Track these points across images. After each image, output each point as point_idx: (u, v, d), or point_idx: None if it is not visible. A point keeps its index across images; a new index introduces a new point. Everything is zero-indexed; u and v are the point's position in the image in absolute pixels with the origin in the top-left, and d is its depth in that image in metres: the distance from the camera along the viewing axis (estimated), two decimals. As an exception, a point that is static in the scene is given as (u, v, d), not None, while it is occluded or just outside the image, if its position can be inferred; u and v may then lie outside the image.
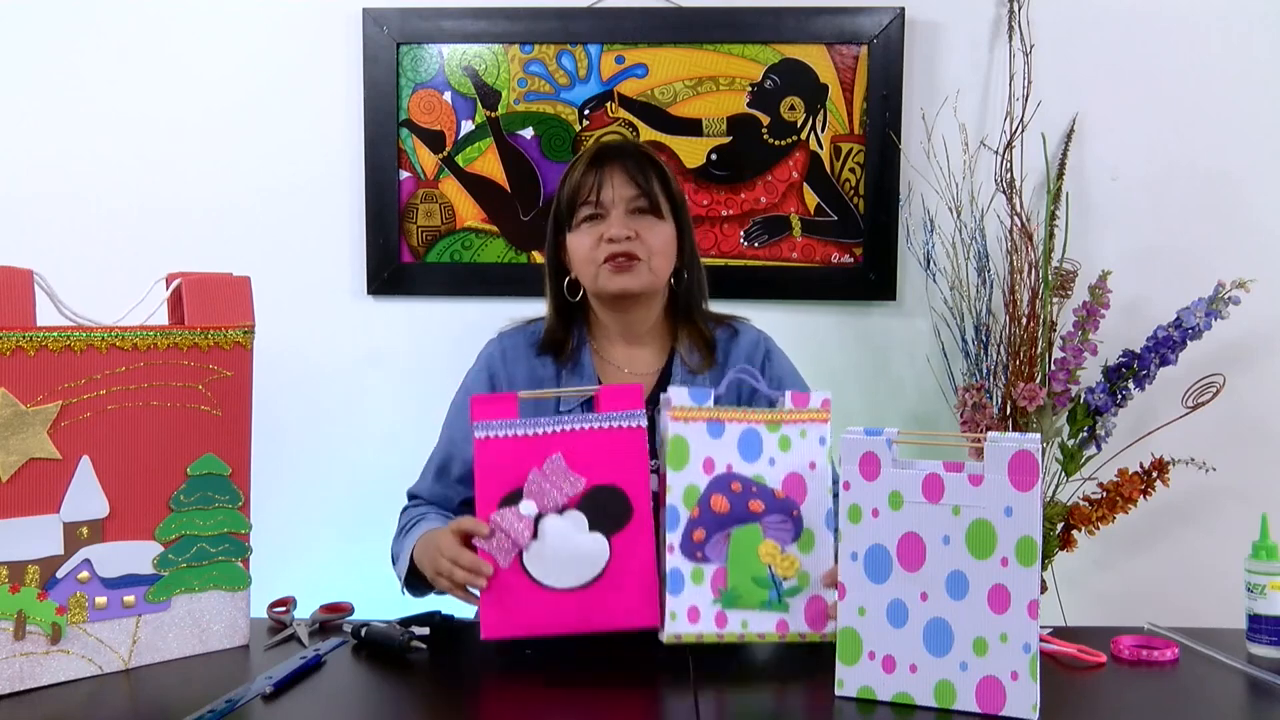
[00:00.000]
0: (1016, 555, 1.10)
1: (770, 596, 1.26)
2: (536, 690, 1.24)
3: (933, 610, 1.14)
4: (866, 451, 1.17)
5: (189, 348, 1.31)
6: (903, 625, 1.15)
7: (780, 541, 1.27)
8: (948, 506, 1.13)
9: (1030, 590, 1.10)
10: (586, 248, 1.50)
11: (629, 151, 1.54)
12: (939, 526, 1.14)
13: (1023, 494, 1.10)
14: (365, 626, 1.35)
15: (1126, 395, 1.86)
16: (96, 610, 1.25)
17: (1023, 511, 1.10)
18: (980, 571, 1.12)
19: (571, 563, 1.26)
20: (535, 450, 1.28)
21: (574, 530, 1.26)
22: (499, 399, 1.30)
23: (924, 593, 1.14)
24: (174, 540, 1.30)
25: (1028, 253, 1.94)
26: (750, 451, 1.29)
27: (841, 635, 1.17)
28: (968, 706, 1.12)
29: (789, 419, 1.30)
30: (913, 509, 1.15)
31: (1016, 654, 1.10)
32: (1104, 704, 1.18)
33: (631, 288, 1.50)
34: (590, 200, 1.50)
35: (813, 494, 1.29)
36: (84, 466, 1.23)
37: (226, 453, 1.34)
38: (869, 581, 1.16)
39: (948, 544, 1.13)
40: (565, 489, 1.27)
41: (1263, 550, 1.32)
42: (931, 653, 1.14)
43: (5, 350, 1.18)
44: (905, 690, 1.15)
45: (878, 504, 1.16)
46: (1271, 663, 1.28)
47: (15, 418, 1.19)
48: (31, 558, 1.20)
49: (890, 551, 1.15)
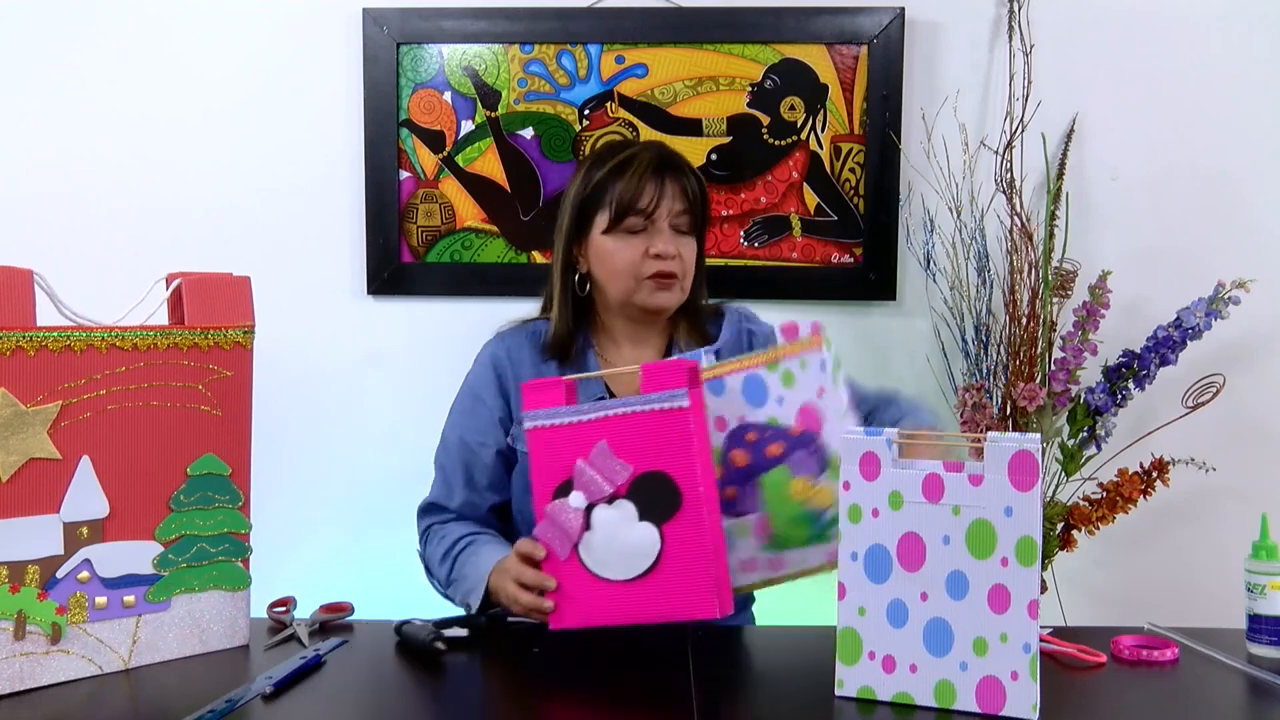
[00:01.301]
0: (1016, 555, 1.10)
1: (812, 531, 1.26)
2: (537, 690, 1.24)
3: (933, 610, 1.14)
4: (866, 451, 1.16)
5: (189, 348, 1.31)
6: (903, 625, 1.15)
7: (809, 476, 1.26)
8: (948, 506, 1.13)
9: (1030, 590, 1.10)
10: (630, 259, 1.49)
11: (683, 167, 1.54)
12: (939, 526, 1.13)
13: (1023, 494, 1.10)
14: (405, 624, 1.35)
15: (1126, 395, 1.86)
16: (96, 610, 1.25)
17: (1023, 511, 1.10)
18: (980, 571, 1.12)
19: (623, 555, 1.24)
20: (583, 438, 1.26)
21: (624, 521, 1.24)
22: (546, 386, 1.30)
23: (924, 593, 1.14)
24: (174, 540, 1.30)
25: (1028, 253, 1.94)
26: (756, 397, 1.28)
27: (841, 635, 1.17)
28: (968, 706, 1.12)
29: (785, 354, 1.29)
30: (913, 509, 1.14)
31: (1016, 654, 1.10)
32: (1104, 704, 1.18)
33: (669, 305, 1.52)
34: (644, 210, 1.49)
35: (829, 421, 1.26)
36: (84, 466, 1.23)
37: (226, 453, 1.34)
38: (869, 581, 1.16)
39: (948, 544, 1.13)
40: (613, 477, 1.25)
41: (1263, 550, 1.32)
42: (931, 653, 1.14)
43: (5, 350, 1.18)
44: (905, 690, 1.15)
45: (878, 504, 1.16)
46: (1271, 663, 1.28)
47: (15, 418, 1.19)
48: (31, 558, 1.20)
49: (890, 551, 1.15)
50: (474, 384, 1.60)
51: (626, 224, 1.49)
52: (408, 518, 1.63)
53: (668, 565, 1.23)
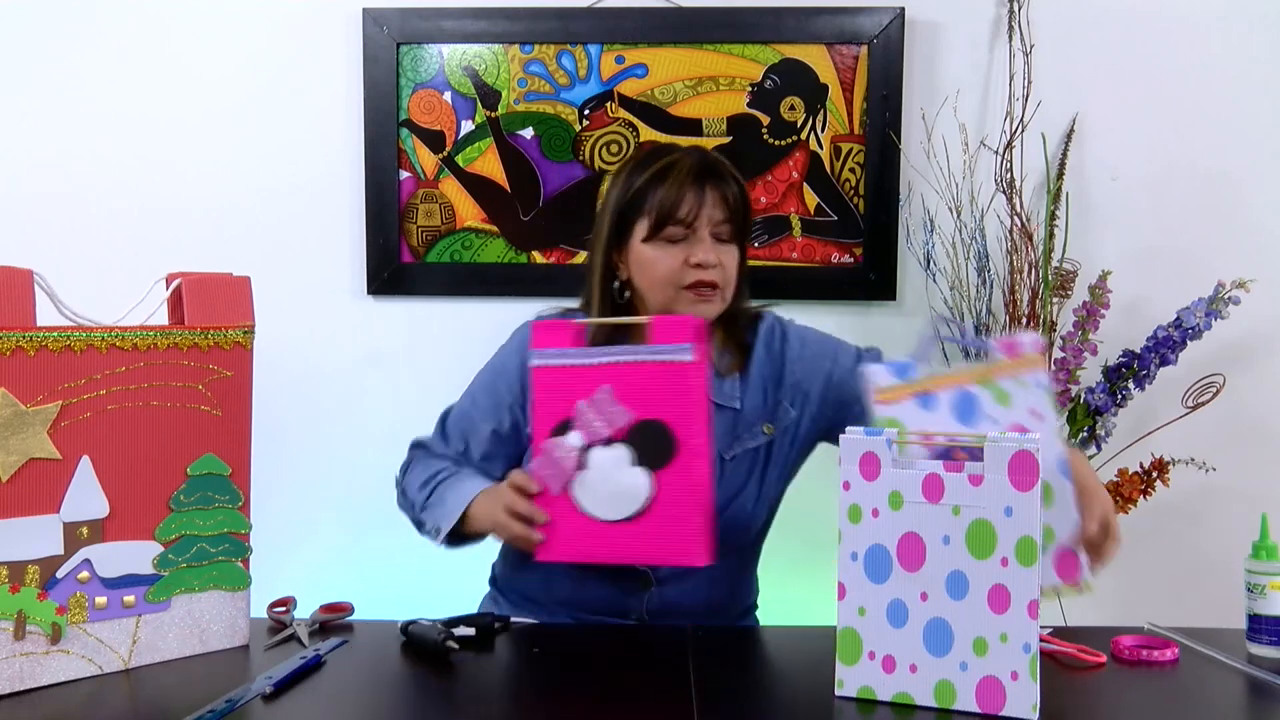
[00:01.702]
0: (1016, 555, 1.10)
1: None
2: (537, 689, 1.24)
3: (933, 610, 1.14)
4: (866, 451, 1.16)
5: (189, 348, 1.31)
6: (903, 625, 1.15)
7: None
8: (948, 506, 1.13)
9: (1030, 590, 1.10)
10: (669, 268, 1.45)
11: (726, 174, 1.49)
12: (939, 526, 1.13)
13: (1023, 494, 1.10)
14: (412, 624, 1.35)
15: (1126, 395, 1.86)
16: (96, 610, 1.25)
17: (1023, 511, 1.10)
18: (980, 571, 1.12)
19: (615, 496, 1.27)
20: (588, 381, 1.29)
21: (618, 464, 1.27)
22: (557, 326, 1.32)
23: (924, 593, 1.14)
24: (174, 540, 1.30)
25: (1028, 253, 1.94)
26: (968, 415, 1.23)
27: (841, 635, 1.17)
28: (968, 706, 1.12)
29: (1002, 371, 1.24)
30: (913, 509, 1.14)
31: (1016, 654, 1.10)
32: (1104, 704, 1.18)
33: (710, 317, 1.47)
34: (684, 219, 1.44)
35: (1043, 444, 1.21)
36: (84, 466, 1.23)
37: (226, 453, 1.33)
38: (869, 581, 1.16)
39: (948, 544, 1.13)
40: (611, 421, 1.27)
41: (1263, 550, 1.32)
42: (931, 653, 1.14)
43: (5, 350, 1.18)
44: (905, 690, 1.14)
45: (878, 504, 1.16)
46: (1271, 663, 1.28)
47: (15, 418, 1.18)
48: (31, 558, 1.20)
49: (890, 551, 1.15)
50: (500, 363, 1.58)
51: (666, 233, 1.45)
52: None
53: (658, 510, 1.26)
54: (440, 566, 2.01)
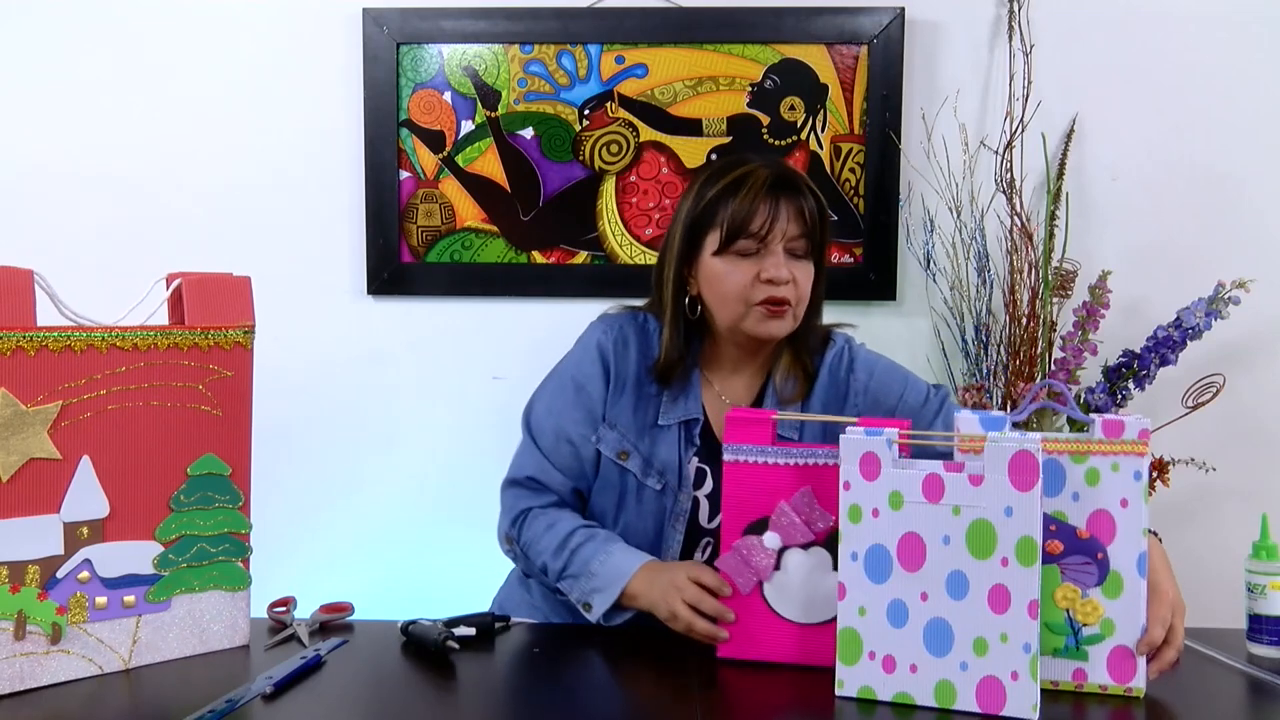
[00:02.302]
0: (1017, 555, 1.10)
1: (1067, 643, 1.18)
2: (538, 689, 1.24)
3: (933, 610, 1.14)
4: (867, 451, 1.16)
5: (189, 348, 1.31)
6: (903, 625, 1.15)
7: (1081, 585, 1.18)
8: (948, 506, 1.13)
9: (1030, 590, 1.10)
10: (741, 284, 1.40)
11: (803, 186, 1.44)
12: (939, 526, 1.13)
13: (1023, 494, 1.10)
14: (412, 624, 1.35)
15: (1126, 395, 1.86)
16: (96, 610, 1.25)
17: (1023, 511, 1.10)
18: (980, 571, 1.12)
19: (814, 600, 1.24)
20: (785, 480, 1.25)
21: (817, 568, 1.24)
22: (755, 420, 1.26)
23: (924, 593, 1.14)
24: (174, 540, 1.30)
25: (1028, 253, 1.94)
26: (1050, 485, 1.18)
27: (841, 635, 1.17)
28: (968, 706, 1.12)
29: (1099, 449, 1.18)
30: (913, 509, 1.14)
31: (1017, 654, 1.10)
32: (1104, 704, 1.17)
33: (779, 334, 1.43)
34: (758, 233, 1.39)
35: (1123, 535, 1.17)
36: (84, 466, 1.23)
37: (226, 453, 1.34)
38: (869, 581, 1.16)
39: (948, 544, 1.13)
40: (813, 525, 1.24)
41: (1263, 550, 1.32)
42: (932, 653, 1.14)
43: (5, 350, 1.18)
44: (905, 690, 1.14)
45: (878, 504, 1.16)
46: (1271, 663, 1.28)
47: (15, 418, 1.19)
48: (31, 558, 1.20)
49: (890, 551, 1.15)
50: (578, 370, 1.50)
51: (738, 246, 1.40)
52: (407, 518, 1.63)
53: None
54: (440, 566, 2.02)
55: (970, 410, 1.24)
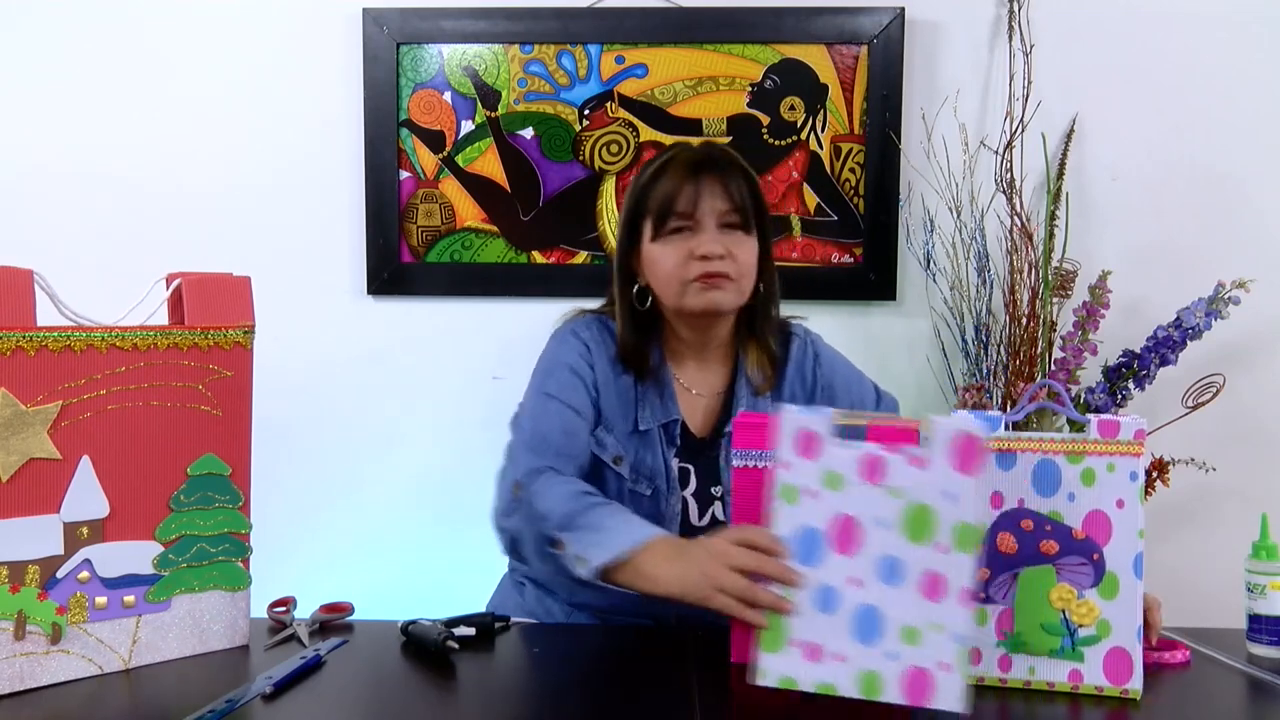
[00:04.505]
0: (955, 541, 1.06)
1: (1062, 644, 1.17)
2: (538, 689, 1.24)
3: (864, 596, 1.08)
4: (805, 429, 1.11)
5: (189, 348, 1.31)
6: (832, 611, 1.09)
7: (1077, 586, 1.17)
8: (887, 488, 1.08)
9: (966, 578, 1.06)
10: (675, 263, 1.41)
11: (725, 161, 1.44)
12: (876, 509, 1.08)
13: (965, 477, 1.06)
14: (412, 624, 1.35)
15: (1126, 395, 1.86)
16: (96, 610, 1.25)
17: (964, 496, 1.06)
18: (916, 557, 1.07)
19: None
20: None
21: None
22: (764, 425, 1.22)
23: (857, 578, 1.09)
24: (174, 540, 1.30)
25: (1028, 253, 1.94)
26: (1046, 485, 1.18)
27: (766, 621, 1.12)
28: (893, 698, 1.07)
29: (1094, 450, 1.17)
30: (851, 490, 1.09)
31: (947, 644, 1.06)
32: (1100, 705, 1.17)
33: (721, 305, 1.42)
34: (683, 212, 1.41)
35: (1119, 536, 1.16)
36: (84, 466, 1.23)
37: (226, 453, 1.33)
38: (800, 565, 1.10)
39: (884, 527, 1.08)
40: None
41: (1263, 550, 1.32)
42: (860, 641, 1.08)
43: (5, 350, 1.18)
44: (829, 680, 1.09)
45: (814, 484, 1.10)
46: (1271, 663, 1.28)
47: (15, 418, 1.18)
48: (31, 558, 1.20)
49: (824, 534, 1.10)
50: (569, 358, 1.48)
51: (669, 227, 1.42)
52: (407, 518, 1.63)
53: None
54: (440, 566, 2.02)
55: (969, 410, 1.24)
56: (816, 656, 1.09)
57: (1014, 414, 1.21)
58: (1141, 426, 1.17)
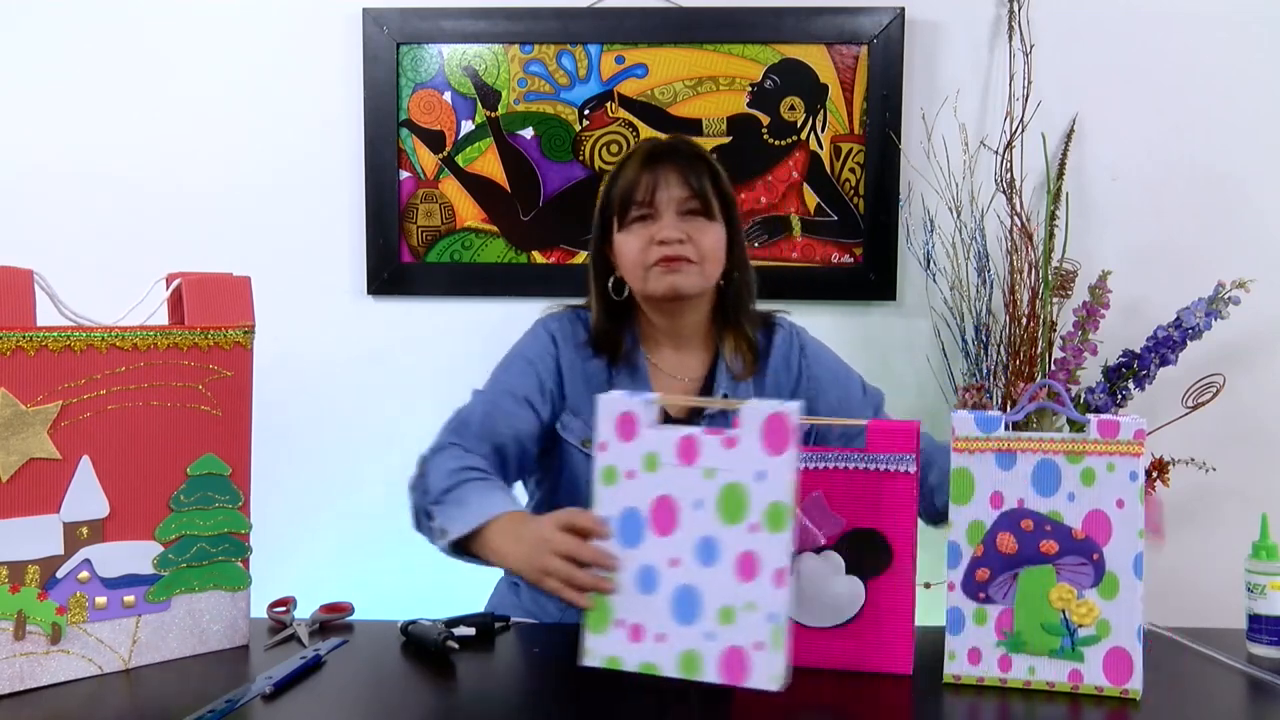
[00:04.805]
0: (766, 521, 1.07)
1: (1062, 644, 1.17)
2: (537, 688, 1.24)
3: (682, 576, 1.10)
4: (624, 412, 1.13)
5: (189, 348, 1.31)
6: (652, 592, 1.11)
7: (1077, 586, 1.17)
8: (701, 469, 1.10)
9: (778, 558, 1.07)
10: (636, 249, 1.46)
11: (682, 151, 1.50)
12: (692, 490, 1.10)
13: (775, 458, 1.07)
14: (412, 624, 1.35)
15: (1126, 395, 1.86)
16: (96, 610, 1.25)
17: (775, 476, 1.07)
18: (730, 537, 1.08)
19: (826, 605, 1.23)
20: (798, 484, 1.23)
21: (830, 572, 1.23)
22: None
23: (675, 558, 1.10)
24: (174, 540, 1.30)
25: (1028, 253, 1.94)
26: (1046, 485, 1.18)
27: None
28: (712, 677, 1.09)
29: (1094, 449, 1.18)
30: (668, 471, 1.11)
31: (761, 624, 1.07)
32: (1100, 705, 1.17)
33: (682, 287, 1.46)
34: (642, 201, 1.46)
35: (1119, 536, 1.16)
36: (84, 466, 1.23)
37: (226, 453, 1.34)
38: (621, 546, 1.12)
39: (700, 508, 1.09)
40: (824, 528, 1.23)
41: (1263, 550, 1.32)
42: (679, 621, 1.10)
43: (5, 350, 1.18)
44: (651, 660, 1.11)
45: (633, 465, 1.12)
46: (1271, 663, 1.28)
47: (15, 418, 1.19)
48: (31, 558, 1.20)
49: (644, 515, 1.11)
50: (528, 350, 1.53)
51: (631, 217, 1.47)
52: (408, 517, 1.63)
53: (867, 620, 1.22)
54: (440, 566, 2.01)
55: (968, 411, 1.24)
56: (639, 637, 1.11)
57: (1014, 414, 1.21)
58: (1141, 426, 1.17)
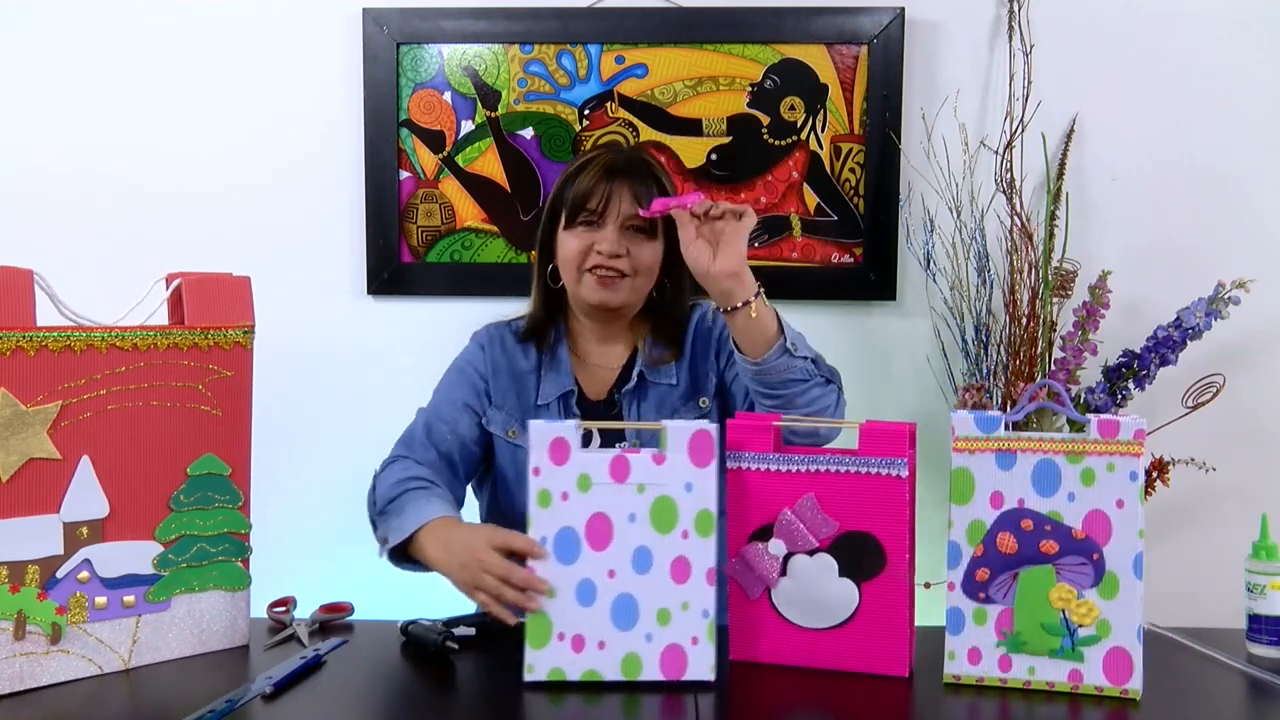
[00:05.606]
0: (696, 528, 1.20)
1: (1062, 644, 1.18)
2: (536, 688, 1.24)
3: (620, 586, 1.20)
4: (556, 437, 1.22)
5: (189, 348, 1.31)
6: (591, 603, 1.20)
7: (1077, 586, 1.18)
8: (633, 485, 1.20)
9: (707, 559, 1.19)
10: (576, 251, 1.54)
11: (638, 169, 1.56)
12: (625, 505, 1.20)
13: (701, 470, 1.20)
14: (412, 624, 1.35)
15: (1126, 395, 1.86)
16: (96, 610, 1.25)
17: (701, 487, 1.20)
18: (663, 545, 1.20)
19: (820, 606, 1.24)
20: (790, 487, 1.25)
21: (823, 575, 1.24)
22: (755, 427, 1.27)
23: (611, 570, 1.20)
24: (174, 540, 1.30)
25: (1028, 253, 1.94)
26: (1046, 485, 1.19)
27: (531, 620, 1.22)
28: (653, 675, 1.19)
29: (1095, 449, 1.18)
30: (600, 490, 1.21)
31: (696, 621, 1.19)
32: (1103, 705, 1.17)
33: (610, 303, 1.54)
34: (593, 210, 1.53)
35: (1119, 536, 1.17)
36: (84, 466, 1.23)
37: (226, 453, 1.34)
38: (559, 564, 1.21)
39: (633, 521, 1.20)
40: (818, 531, 1.24)
41: (1263, 550, 1.32)
42: (618, 627, 1.20)
43: (5, 350, 1.18)
44: (593, 667, 1.20)
45: (567, 487, 1.21)
46: (1271, 663, 1.28)
47: (15, 418, 1.19)
48: (31, 558, 1.20)
49: (579, 533, 1.21)
50: (460, 361, 1.66)
51: (578, 221, 1.54)
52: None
53: (862, 622, 1.23)
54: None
55: (968, 411, 1.24)
56: (580, 647, 1.21)
57: (1014, 414, 1.21)
58: (1141, 426, 1.18)
